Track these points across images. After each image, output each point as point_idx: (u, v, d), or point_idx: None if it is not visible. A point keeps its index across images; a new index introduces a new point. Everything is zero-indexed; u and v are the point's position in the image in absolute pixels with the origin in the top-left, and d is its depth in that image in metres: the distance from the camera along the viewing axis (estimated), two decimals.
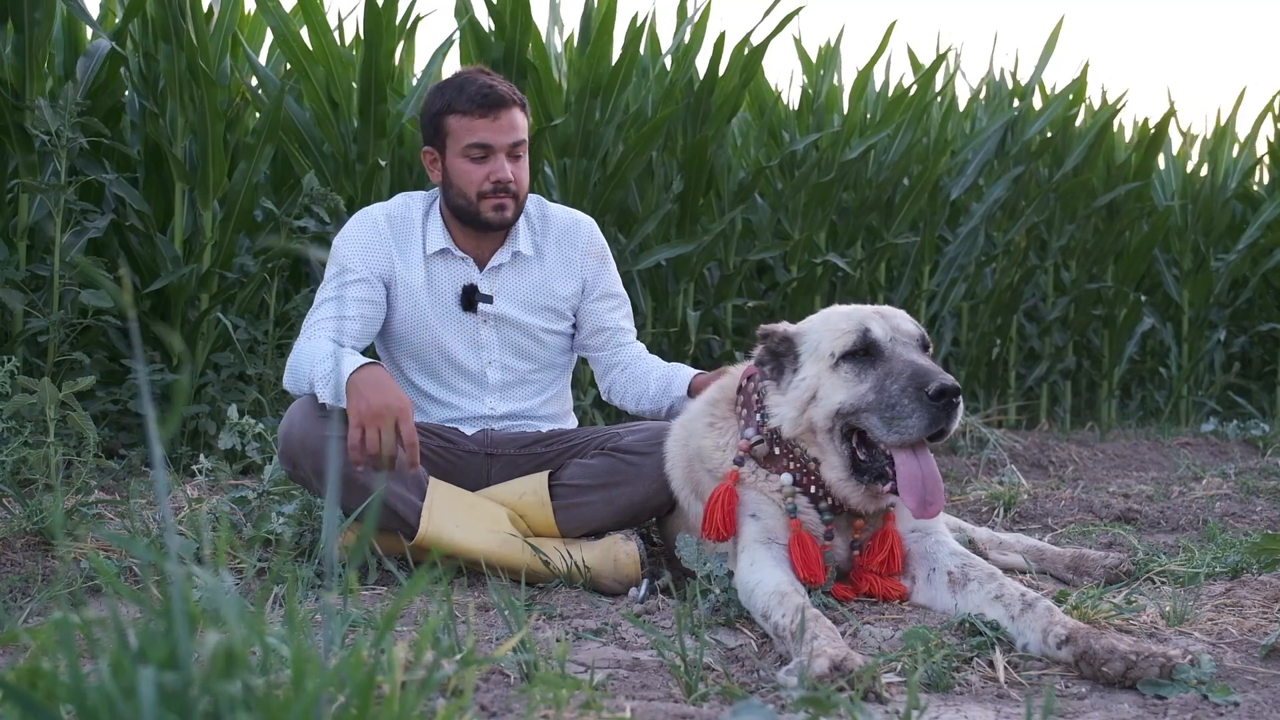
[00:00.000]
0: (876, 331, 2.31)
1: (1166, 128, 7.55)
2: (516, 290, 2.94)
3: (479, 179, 2.81)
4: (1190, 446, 6.03)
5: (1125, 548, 3.09)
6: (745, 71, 5.70)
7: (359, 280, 2.84)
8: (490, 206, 2.82)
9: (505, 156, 2.82)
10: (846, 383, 2.29)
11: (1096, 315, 7.74)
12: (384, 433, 2.47)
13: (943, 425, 2.20)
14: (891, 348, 2.30)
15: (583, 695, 1.50)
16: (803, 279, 6.38)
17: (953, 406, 2.20)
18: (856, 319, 2.35)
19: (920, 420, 2.19)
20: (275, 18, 4.87)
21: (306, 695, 1.03)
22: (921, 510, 2.22)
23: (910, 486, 2.22)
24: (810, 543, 2.34)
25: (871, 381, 2.26)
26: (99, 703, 1.00)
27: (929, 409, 2.18)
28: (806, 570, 2.30)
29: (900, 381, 2.22)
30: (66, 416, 3.03)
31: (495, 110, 2.81)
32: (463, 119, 2.81)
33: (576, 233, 3.00)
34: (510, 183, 2.82)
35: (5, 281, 4.12)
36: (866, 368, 2.29)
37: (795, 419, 2.36)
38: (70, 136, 4.15)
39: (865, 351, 2.30)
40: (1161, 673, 1.76)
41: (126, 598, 1.21)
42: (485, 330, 2.92)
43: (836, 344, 2.32)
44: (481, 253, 2.93)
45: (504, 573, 2.62)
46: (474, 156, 2.81)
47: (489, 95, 2.81)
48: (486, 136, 2.80)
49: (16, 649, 1.81)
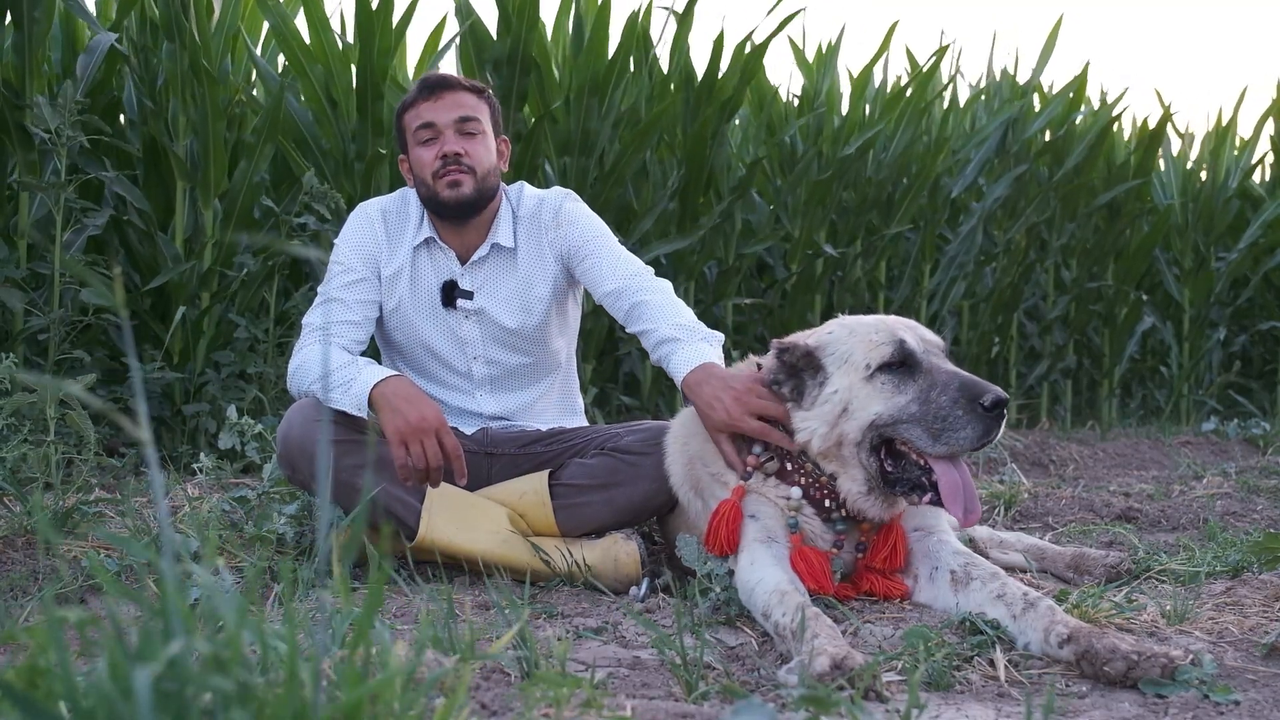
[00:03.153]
0: (911, 342, 2.28)
1: (1165, 128, 7.55)
2: (498, 285, 2.90)
3: (430, 160, 2.81)
4: (1191, 445, 6.02)
5: (1126, 547, 3.09)
6: (746, 71, 5.70)
7: (358, 280, 2.84)
8: (445, 184, 2.80)
9: (452, 133, 2.81)
10: (884, 394, 2.26)
11: (1097, 314, 7.74)
12: (428, 447, 2.50)
13: (993, 435, 2.21)
14: (926, 359, 2.28)
15: (583, 693, 1.49)
16: (802, 276, 6.38)
17: (1003, 416, 2.20)
18: (888, 329, 2.31)
19: (974, 431, 2.18)
20: (275, 15, 4.87)
21: (301, 693, 1.03)
22: (966, 519, 2.23)
23: (954, 496, 2.21)
24: (814, 554, 2.32)
25: (913, 393, 2.24)
26: (95, 702, 1.00)
27: (983, 420, 2.18)
28: (814, 581, 2.28)
29: (950, 393, 2.20)
30: (66, 415, 3.03)
31: (437, 91, 2.83)
32: (412, 110, 2.86)
33: (540, 212, 2.93)
34: (461, 155, 2.79)
35: (5, 280, 4.12)
36: (906, 379, 2.26)
37: (826, 434, 2.30)
38: (70, 134, 4.14)
39: (902, 363, 2.26)
40: (1163, 673, 1.76)
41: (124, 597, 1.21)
42: (468, 325, 2.90)
43: (872, 355, 2.27)
44: (464, 246, 2.91)
45: (505, 573, 2.62)
46: (422, 139, 2.83)
47: (429, 79, 2.88)
48: (430, 116, 2.82)
49: (15, 648, 1.81)
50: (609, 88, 5.36)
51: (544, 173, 5.34)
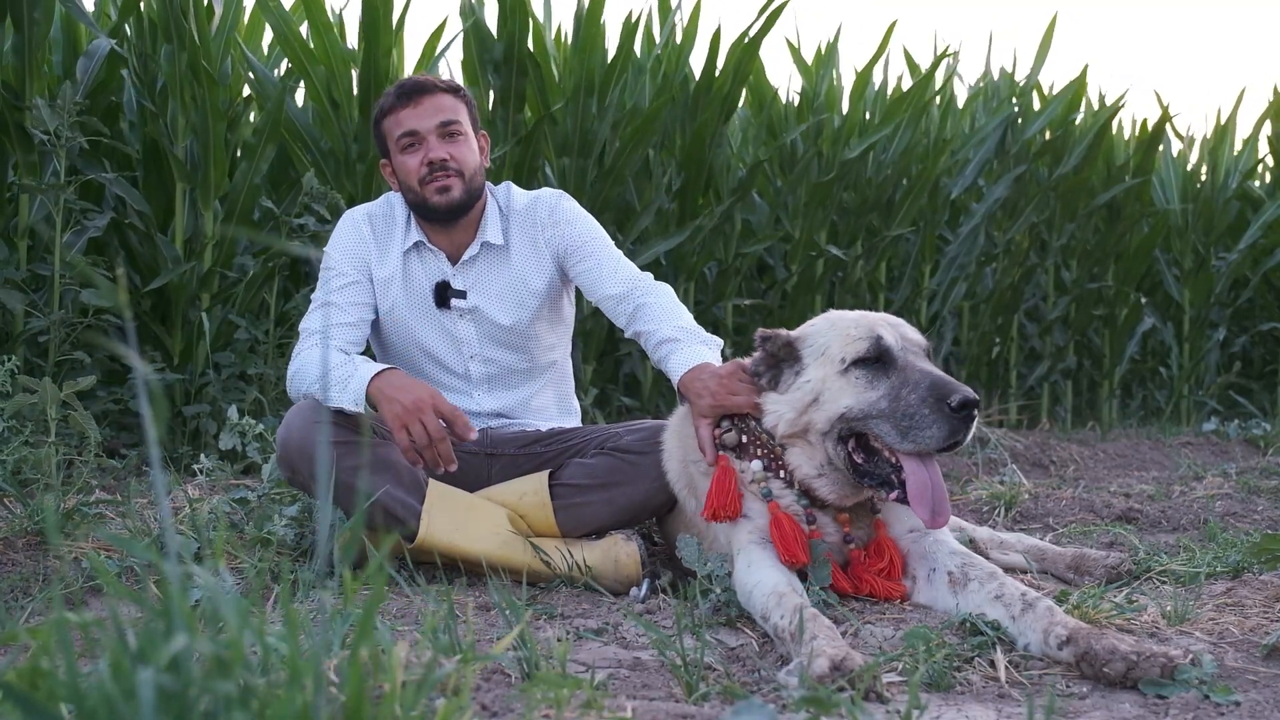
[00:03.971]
0: (889, 339, 2.30)
1: (1164, 128, 7.55)
2: (491, 283, 2.91)
3: (415, 167, 2.81)
4: (1191, 446, 6.02)
5: (1126, 547, 3.09)
6: (740, 68, 5.70)
7: (350, 283, 2.86)
8: (434, 190, 2.80)
9: (436, 138, 2.81)
10: (856, 389, 2.28)
11: (1097, 315, 7.74)
12: (426, 422, 2.50)
13: (960, 436, 2.21)
14: (903, 356, 2.29)
15: (583, 694, 1.49)
16: (802, 277, 6.38)
17: (971, 418, 2.20)
18: (866, 325, 2.33)
19: (940, 431, 2.19)
20: (276, 16, 4.87)
21: (303, 695, 1.03)
22: (932, 520, 2.22)
23: (921, 496, 2.22)
24: (789, 522, 2.33)
25: (884, 389, 2.26)
26: (98, 703, 1.00)
27: (949, 420, 2.18)
28: (786, 551, 2.29)
29: (919, 391, 2.21)
30: (68, 416, 3.03)
31: (415, 97, 2.83)
32: (392, 116, 2.85)
33: (535, 210, 2.93)
34: (447, 160, 2.80)
35: (5, 281, 4.12)
36: (879, 375, 2.28)
37: (793, 420, 2.35)
38: (69, 136, 4.15)
39: (878, 359, 2.29)
40: (1163, 673, 1.76)
41: (126, 598, 1.21)
42: (463, 325, 2.91)
43: (848, 349, 2.30)
44: (454, 246, 2.92)
45: (505, 573, 2.62)
46: (405, 146, 2.83)
47: (406, 84, 2.85)
48: (412, 124, 2.82)
49: (16, 649, 1.81)
50: (608, 87, 5.36)
51: (543, 174, 5.34)
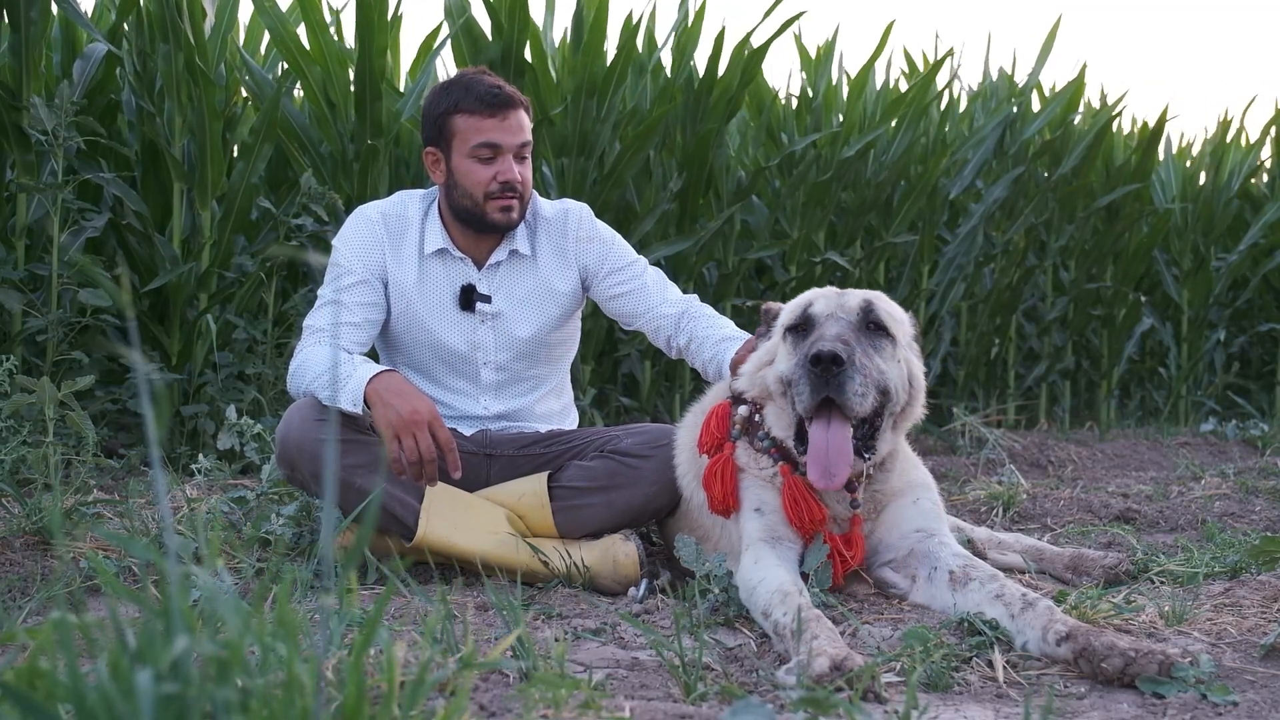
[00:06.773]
0: (817, 307, 2.39)
1: (1163, 129, 7.56)
2: (515, 289, 2.93)
3: (486, 179, 2.80)
4: (1189, 446, 6.03)
5: (1124, 547, 3.09)
6: (746, 73, 5.70)
7: (359, 282, 2.84)
8: (497, 208, 2.82)
9: (514, 159, 2.82)
10: (785, 354, 2.40)
11: (1096, 315, 7.74)
12: (420, 440, 2.50)
13: (827, 393, 2.22)
14: (823, 322, 2.34)
15: (582, 695, 1.50)
16: (801, 279, 6.38)
17: (833, 374, 2.20)
18: (810, 295, 2.44)
19: (805, 387, 2.25)
20: (272, 17, 4.86)
21: (302, 696, 1.03)
22: (823, 479, 2.26)
23: (815, 456, 2.27)
24: (801, 485, 2.38)
25: (801, 355, 2.32)
26: (97, 703, 1.00)
27: (809, 376, 2.23)
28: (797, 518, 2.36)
29: (799, 354, 2.31)
30: (66, 416, 3.03)
31: (504, 110, 2.80)
32: (470, 119, 2.80)
33: (565, 221, 2.97)
34: (518, 183, 2.82)
35: (3, 281, 4.12)
36: (800, 341, 2.36)
37: (751, 375, 2.49)
38: (67, 136, 4.15)
39: (802, 325, 2.38)
40: (1160, 670, 1.76)
41: (125, 598, 1.21)
42: (483, 330, 2.91)
43: (785, 317, 2.45)
44: (479, 252, 2.92)
45: (503, 573, 2.62)
46: (482, 157, 2.80)
47: (498, 96, 2.80)
48: (495, 137, 2.79)
49: (15, 649, 1.81)
50: (609, 88, 5.36)
51: (542, 175, 5.34)
